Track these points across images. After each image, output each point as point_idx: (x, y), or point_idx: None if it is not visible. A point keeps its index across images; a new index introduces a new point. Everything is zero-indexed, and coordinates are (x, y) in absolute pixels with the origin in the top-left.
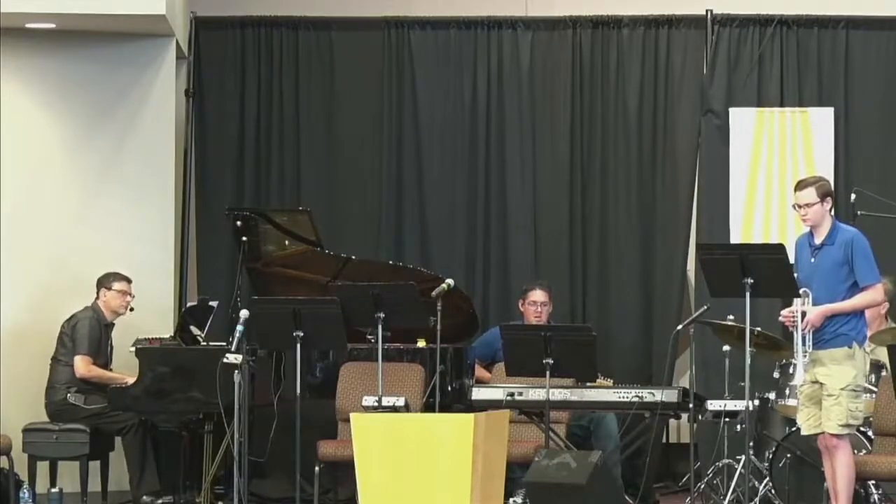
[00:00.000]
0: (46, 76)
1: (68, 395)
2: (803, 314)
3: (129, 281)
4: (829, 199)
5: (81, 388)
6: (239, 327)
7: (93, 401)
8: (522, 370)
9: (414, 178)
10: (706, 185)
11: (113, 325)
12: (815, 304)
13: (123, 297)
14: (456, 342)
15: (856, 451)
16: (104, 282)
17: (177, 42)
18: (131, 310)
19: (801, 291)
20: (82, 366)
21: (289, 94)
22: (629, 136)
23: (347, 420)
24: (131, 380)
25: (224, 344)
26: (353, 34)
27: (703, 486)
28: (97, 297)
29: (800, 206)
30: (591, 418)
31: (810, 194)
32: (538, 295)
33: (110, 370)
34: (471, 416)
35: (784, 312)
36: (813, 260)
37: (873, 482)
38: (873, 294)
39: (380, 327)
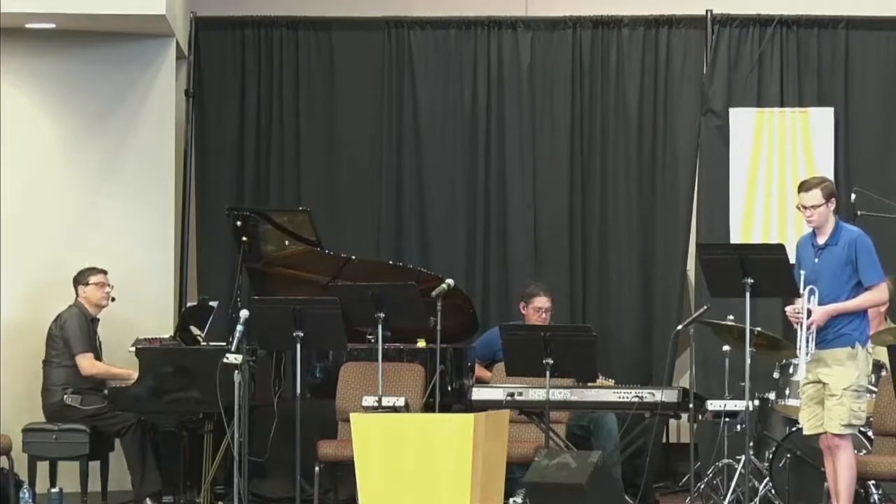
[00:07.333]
0: (46, 76)
1: (65, 396)
2: (809, 312)
3: (104, 272)
4: (833, 199)
5: (78, 389)
6: (239, 327)
7: (90, 402)
8: (522, 370)
9: (414, 177)
10: (706, 185)
11: (98, 319)
12: (819, 304)
13: (102, 289)
14: (456, 342)
15: (856, 452)
16: (80, 279)
17: (177, 42)
18: (112, 299)
19: (807, 289)
20: (86, 364)
21: (289, 94)
22: (629, 136)
23: (347, 420)
24: (135, 374)
25: (224, 344)
26: (353, 34)
27: (703, 486)
28: (77, 295)
29: (805, 208)
30: (591, 418)
31: (816, 196)
32: (543, 301)
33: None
34: (471, 416)
35: (789, 310)
36: (817, 260)
37: (873, 482)
38: (878, 293)
39: (380, 327)
